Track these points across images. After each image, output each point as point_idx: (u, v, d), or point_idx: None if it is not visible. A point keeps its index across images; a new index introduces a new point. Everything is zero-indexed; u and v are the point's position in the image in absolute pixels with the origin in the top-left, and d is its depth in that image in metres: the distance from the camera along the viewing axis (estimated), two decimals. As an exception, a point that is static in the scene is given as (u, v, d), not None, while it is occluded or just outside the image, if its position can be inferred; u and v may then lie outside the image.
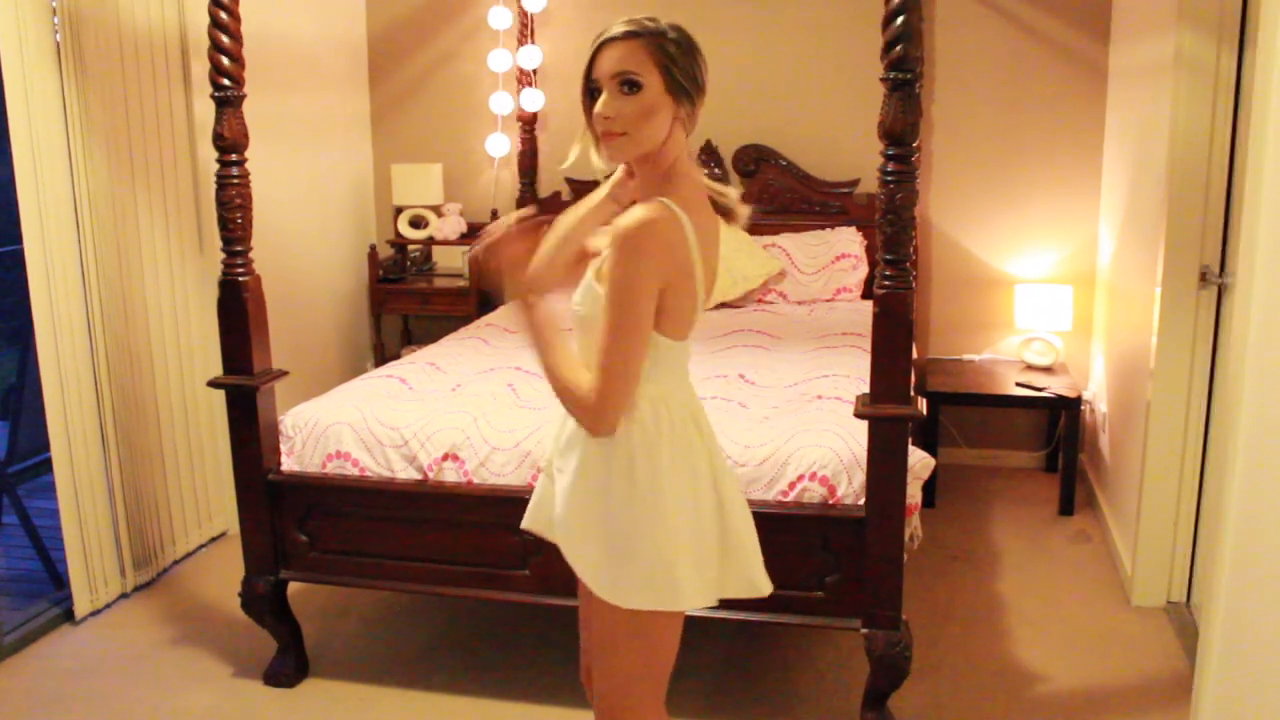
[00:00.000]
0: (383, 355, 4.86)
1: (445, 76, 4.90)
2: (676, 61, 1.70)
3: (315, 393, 3.18)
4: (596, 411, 1.69)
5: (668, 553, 1.74)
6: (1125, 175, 3.81)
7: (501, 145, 4.81)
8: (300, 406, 2.95)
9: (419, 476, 2.76)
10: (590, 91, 1.74)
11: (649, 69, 1.69)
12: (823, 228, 4.47)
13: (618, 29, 1.71)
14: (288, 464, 2.86)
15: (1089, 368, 4.43)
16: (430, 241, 4.82)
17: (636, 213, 1.68)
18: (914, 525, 2.63)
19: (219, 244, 2.76)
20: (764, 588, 1.87)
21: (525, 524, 2.01)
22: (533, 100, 4.71)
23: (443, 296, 4.74)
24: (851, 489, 2.49)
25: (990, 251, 4.47)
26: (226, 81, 2.63)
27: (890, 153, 2.25)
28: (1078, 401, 3.99)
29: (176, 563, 3.69)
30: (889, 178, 2.26)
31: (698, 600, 1.78)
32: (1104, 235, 4.22)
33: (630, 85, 1.69)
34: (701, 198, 1.79)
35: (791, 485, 2.52)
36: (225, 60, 2.61)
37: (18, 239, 3.07)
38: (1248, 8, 2.87)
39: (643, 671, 1.85)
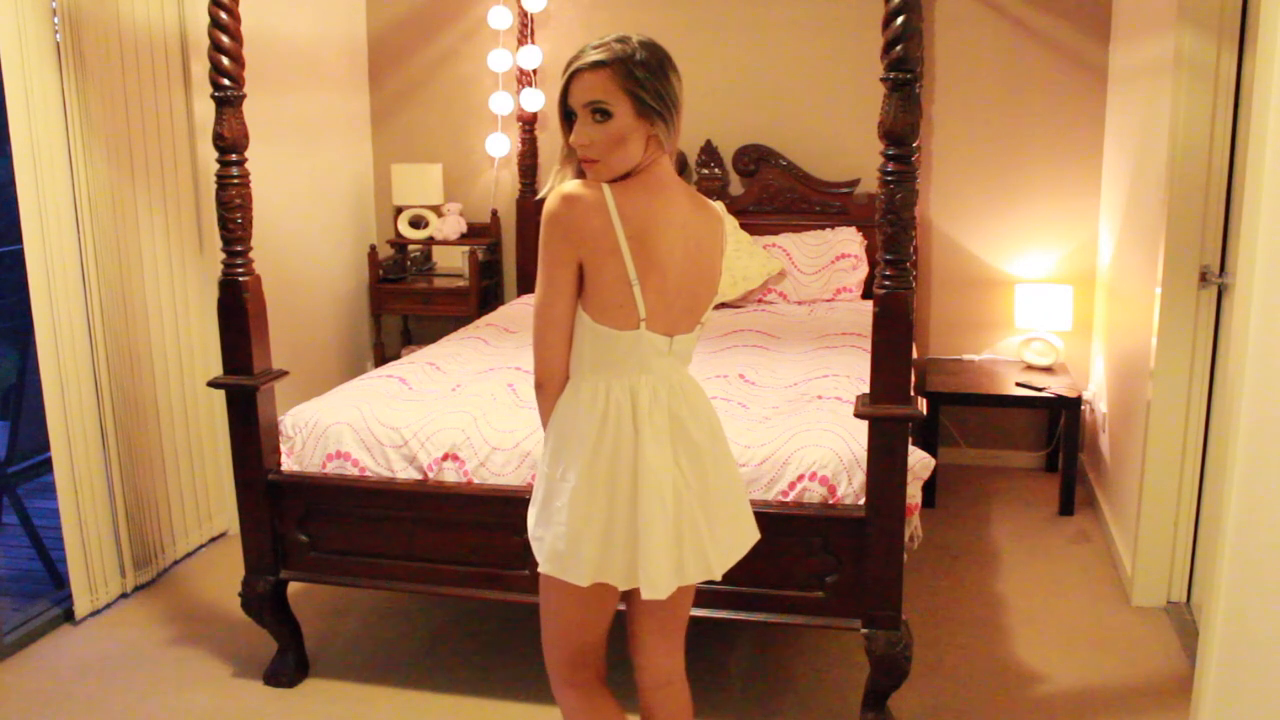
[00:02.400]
0: (383, 355, 4.86)
1: (445, 76, 4.90)
2: (645, 85, 1.75)
3: (315, 393, 3.18)
4: (534, 367, 1.90)
5: (570, 527, 1.83)
6: (1125, 175, 3.81)
7: (501, 145, 4.82)
8: (300, 406, 2.96)
9: (419, 476, 2.76)
10: (567, 114, 1.80)
11: (618, 97, 1.74)
12: (823, 228, 4.47)
13: (587, 58, 1.75)
14: (288, 464, 2.86)
15: (1089, 368, 4.43)
16: (430, 241, 4.83)
17: (555, 189, 1.78)
18: (914, 525, 2.63)
19: (219, 244, 2.76)
20: (661, 588, 1.82)
21: None
22: (533, 100, 4.71)
23: (443, 296, 4.74)
24: (851, 489, 2.49)
25: (990, 251, 4.47)
26: (226, 81, 2.63)
27: (890, 153, 2.25)
28: (1078, 401, 3.99)
29: (176, 563, 3.69)
30: (889, 178, 2.26)
31: (587, 578, 1.84)
32: (1104, 235, 4.22)
33: (601, 114, 1.75)
34: (655, 186, 1.81)
35: (791, 485, 2.52)
36: (225, 60, 2.61)
37: (18, 239, 3.07)
38: (1248, 8, 2.87)
39: (551, 636, 1.98)
